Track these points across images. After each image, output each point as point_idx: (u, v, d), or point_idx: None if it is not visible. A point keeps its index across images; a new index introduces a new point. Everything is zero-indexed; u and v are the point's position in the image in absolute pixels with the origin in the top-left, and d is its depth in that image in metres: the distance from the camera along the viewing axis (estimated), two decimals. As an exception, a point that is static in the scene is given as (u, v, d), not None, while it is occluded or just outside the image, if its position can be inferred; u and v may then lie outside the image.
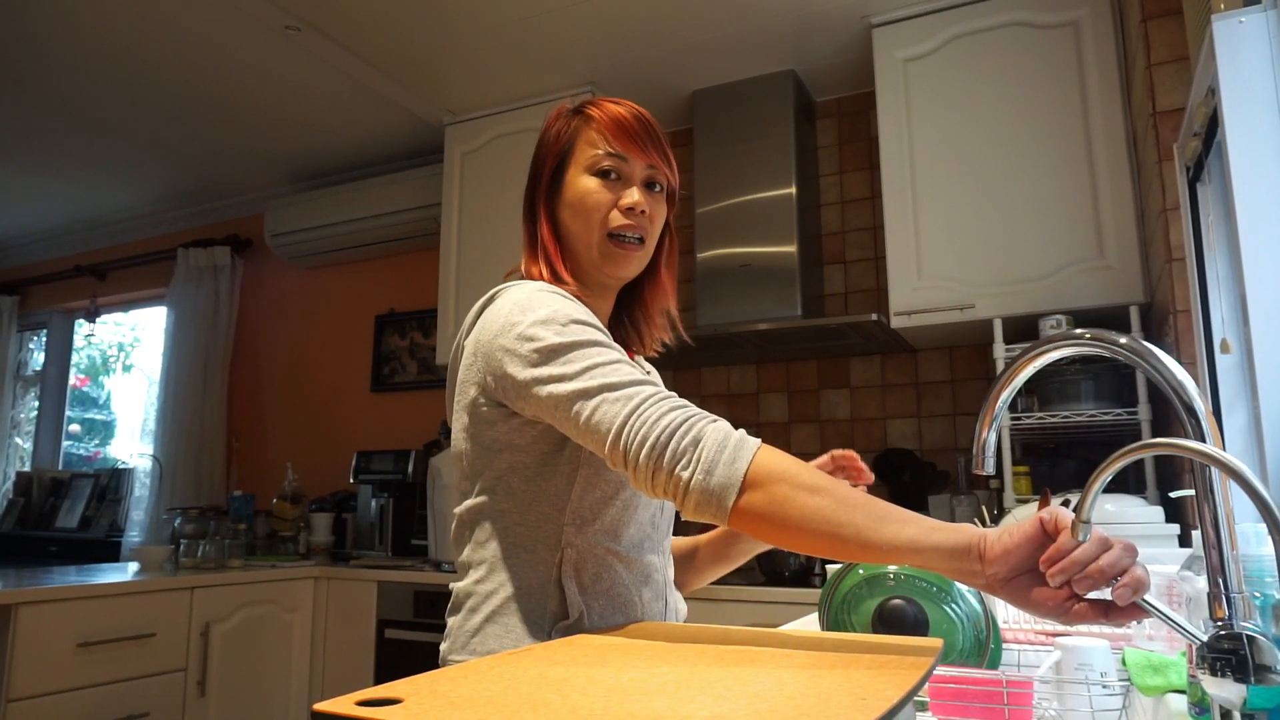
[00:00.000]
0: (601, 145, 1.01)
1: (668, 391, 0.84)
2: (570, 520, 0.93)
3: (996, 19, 2.43)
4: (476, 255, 3.14)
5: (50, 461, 4.77)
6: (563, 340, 0.86)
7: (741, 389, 3.08)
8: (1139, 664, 0.86)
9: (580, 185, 1.01)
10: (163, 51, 2.91)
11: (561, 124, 1.05)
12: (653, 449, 0.78)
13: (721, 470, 0.76)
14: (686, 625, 0.89)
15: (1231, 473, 0.57)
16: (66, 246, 4.83)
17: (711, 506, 0.76)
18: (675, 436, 0.78)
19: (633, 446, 0.79)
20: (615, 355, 0.86)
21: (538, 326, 0.88)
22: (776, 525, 0.75)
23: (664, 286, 1.11)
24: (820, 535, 0.73)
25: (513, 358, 0.89)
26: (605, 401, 0.82)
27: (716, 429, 0.78)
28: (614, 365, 0.85)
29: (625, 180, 1.01)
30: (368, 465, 3.44)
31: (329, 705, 0.50)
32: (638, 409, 0.80)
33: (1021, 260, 2.29)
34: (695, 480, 0.76)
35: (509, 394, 0.90)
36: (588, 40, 2.76)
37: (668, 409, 0.80)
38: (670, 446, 0.77)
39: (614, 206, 1.00)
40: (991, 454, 0.79)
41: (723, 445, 0.77)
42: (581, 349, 0.86)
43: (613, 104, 1.03)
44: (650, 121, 1.03)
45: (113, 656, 2.31)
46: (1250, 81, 1.29)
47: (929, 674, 0.62)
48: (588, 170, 1.01)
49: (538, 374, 0.86)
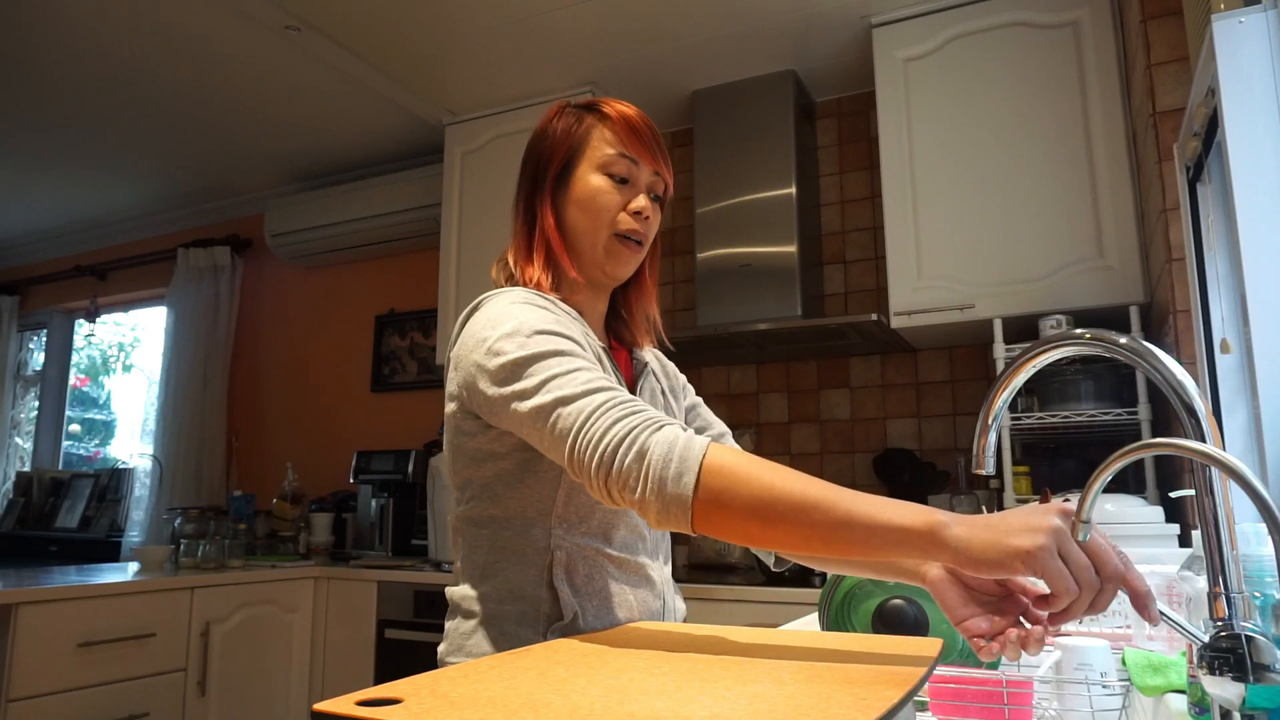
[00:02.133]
0: (616, 146, 1.02)
1: (618, 394, 0.81)
2: (558, 524, 0.94)
3: (996, 19, 2.43)
4: (476, 255, 3.14)
5: (50, 461, 4.77)
6: (525, 353, 0.86)
7: (741, 389, 3.08)
8: (1139, 664, 0.86)
9: (592, 183, 1.02)
10: (163, 52, 2.92)
11: (570, 120, 1.05)
12: (600, 465, 0.77)
13: (671, 488, 0.74)
14: (686, 625, 0.89)
15: (1231, 473, 0.57)
16: (66, 246, 4.84)
17: (672, 521, 0.75)
18: (620, 453, 0.76)
19: (583, 463, 0.79)
20: (572, 364, 0.85)
21: (504, 340, 0.88)
22: (739, 527, 0.73)
23: (648, 291, 1.13)
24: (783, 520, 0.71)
25: (483, 373, 0.89)
26: (560, 417, 0.81)
27: (660, 440, 0.76)
28: (570, 375, 0.83)
29: (633, 184, 1.03)
30: (368, 465, 3.44)
31: (329, 705, 0.50)
32: (585, 424, 0.79)
33: (1021, 260, 2.29)
34: (649, 499, 0.75)
35: (483, 409, 0.91)
36: (588, 40, 2.76)
37: (612, 421, 0.78)
38: (616, 464, 0.76)
39: (622, 209, 1.02)
40: (991, 454, 0.79)
41: (667, 459, 0.74)
42: (541, 360, 0.85)
43: (622, 105, 1.04)
44: (654, 127, 1.05)
45: (113, 656, 2.32)
46: (1250, 81, 1.29)
47: (929, 674, 0.62)
48: (600, 169, 1.02)
49: (503, 391, 0.87)
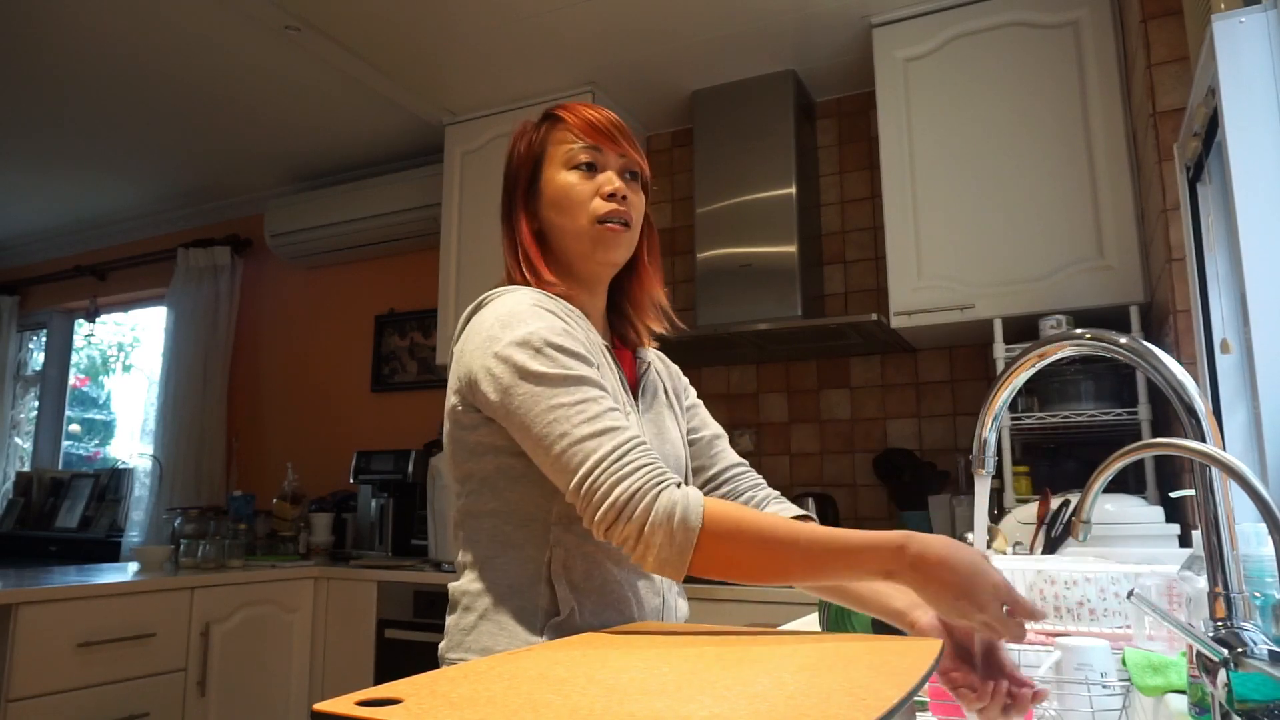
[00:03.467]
0: (575, 140, 1.03)
1: (626, 440, 0.85)
2: (557, 520, 0.94)
3: (996, 19, 2.43)
4: (476, 255, 3.14)
5: (50, 461, 4.77)
6: (534, 369, 0.88)
7: (741, 389, 3.08)
8: (1139, 664, 0.86)
9: (560, 181, 1.03)
10: (163, 51, 2.92)
11: (530, 134, 1.08)
12: (603, 519, 0.82)
13: (675, 562, 0.80)
14: (686, 625, 0.89)
15: (1231, 473, 0.57)
16: (66, 246, 4.84)
17: (668, 574, 0.82)
18: (623, 516, 0.81)
19: (587, 510, 0.84)
20: (583, 394, 0.87)
21: (514, 348, 0.89)
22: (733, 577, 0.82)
23: (649, 275, 1.12)
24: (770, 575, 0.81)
25: (488, 376, 0.90)
26: (565, 453, 0.85)
27: (661, 511, 0.80)
28: (579, 407, 0.86)
29: (601, 169, 1.04)
30: (368, 465, 3.44)
31: (329, 705, 0.50)
32: (591, 473, 0.83)
33: (1021, 260, 2.29)
34: (650, 561, 0.81)
35: (484, 409, 0.92)
36: (588, 40, 2.76)
37: (619, 479, 0.82)
38: (618, 528, 0.82)
39: (596, 195, 1.02)
40: (991, 454, 0.79)
41: (670, 535, 0.80)
42: (549, 384, 0.87)
43: (578, 105, 1.07)
44: (616, 119, 1.06)
45: (113, 656, 2.31)
46: (1250, 81, 1.29)
47: (929, 674, 0.61)
48: (565, 166, 1.04)
49: (506, 403, 0.88)
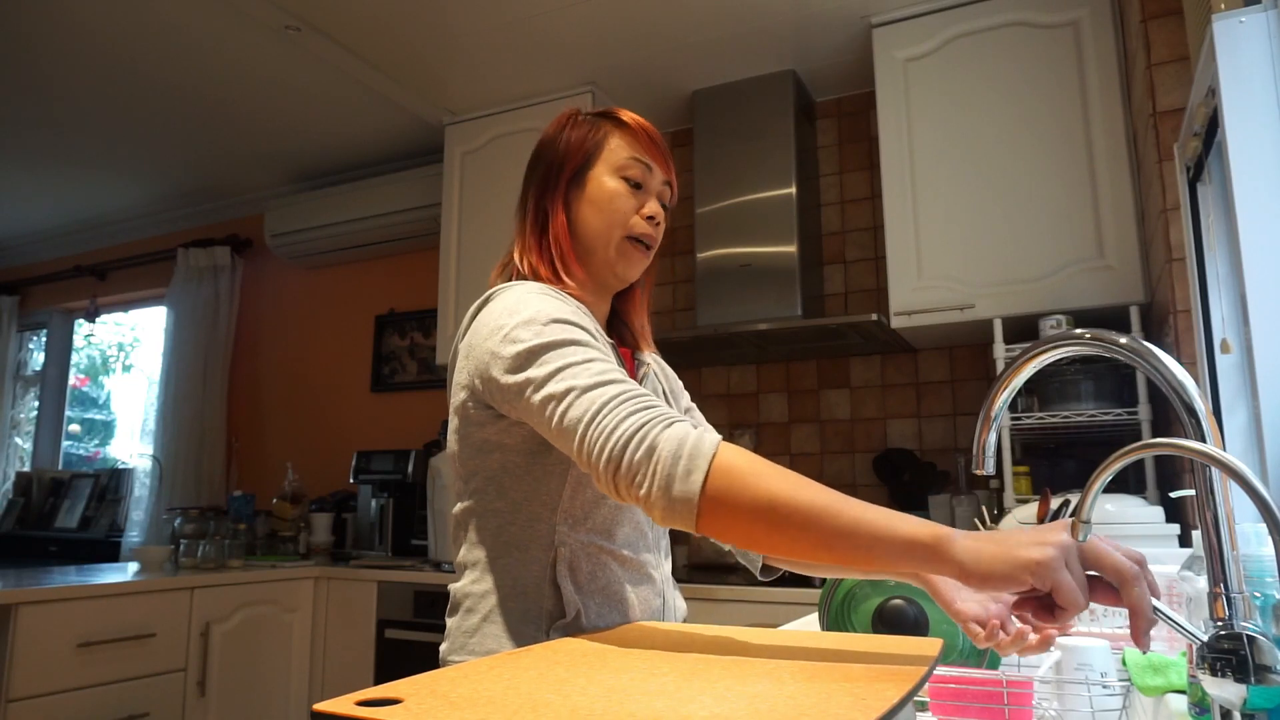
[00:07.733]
0: (632, 151, 1.05)
1: (632, 389, 0.82)
2: (563, 519, 0.94)
3: (996, 19, 2.43)
4: (476, 255, 3.14)
5: (50, 461, 4.76)
6: (540, 341, 0.87)
7: (741, 389, 3.08)
8: (1139, 664, 0.86)
9: (609, 186, 1.04)
10: (162, 51, 2.92)
11: (585, 125, 1.08)
12: (609, 460, 0.77)
13: (679, 486, 0.74)
14: (686, 625, 0.89)
15: (1231, 473, 0.57)
16: (66, 246, 4.83)
17: (677, 519, 0.75)
18: (629, 448, 0.76)
19: (592, 455, 0.79)
20: (586, 354, 0.85)
21: (520, 328, 0.89)
22: (743, 530, 0.73)
23: (638, 301, 1.15)
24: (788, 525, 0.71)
25: (497, 361, 0.90)
26: (572, 406, 0.81)
27: (670, 437, 0.76)
28: (584, 365, 0.84)
29: (646, 190, 1.06)
30: (368, 465, 3.44)
31: (329, 705, 0.50)
32: (597, 416, 0.79)
33: (1021, 260, 2.29)
34: (655, 496, 0.75)
35: (495, 397, 0.91)
36: (588, 40, 2.76)
37: (625, 415, 0.78)
38: (625, 459, 0.76)
39: (636, 212, 1.05)
40: (991, 454, 0.79)
41: (677, 456, 0.74)
42: (556, 349, 0.86)
43: (636, 115, 1.09)
44: (663, 139, 1.09)
45: (113, 656, 2.31)
46: (1250, 81, 1.29)
47: (929, 674, 0.62)
48: (616, 173, 1.05)
49: (516, 379, 0.87)
